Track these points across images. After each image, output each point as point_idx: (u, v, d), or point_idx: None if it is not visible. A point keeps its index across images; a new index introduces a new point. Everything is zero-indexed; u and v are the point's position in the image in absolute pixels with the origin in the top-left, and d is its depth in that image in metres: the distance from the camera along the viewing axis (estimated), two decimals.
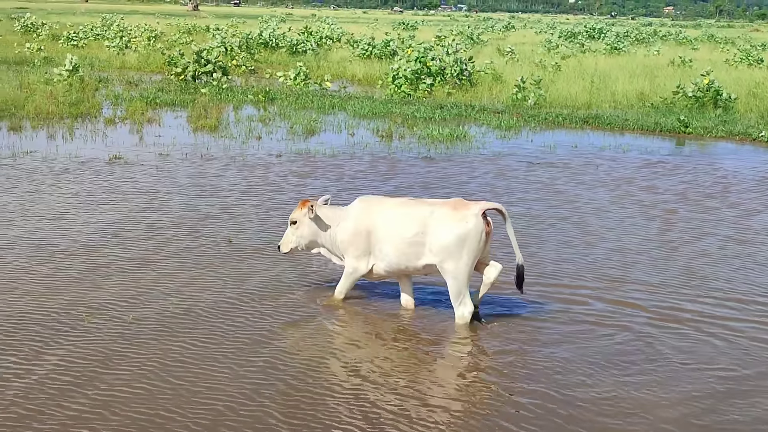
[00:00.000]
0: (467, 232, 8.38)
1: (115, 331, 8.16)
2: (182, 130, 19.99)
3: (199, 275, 9.91)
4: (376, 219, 8.81)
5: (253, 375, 7.35)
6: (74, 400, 6.81)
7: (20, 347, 7.74)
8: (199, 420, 6.59)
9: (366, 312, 8.98)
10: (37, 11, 76.92)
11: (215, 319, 8.55)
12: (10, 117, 20.30)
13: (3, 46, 40.13)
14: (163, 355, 7.65)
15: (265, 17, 72.60)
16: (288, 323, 8.58)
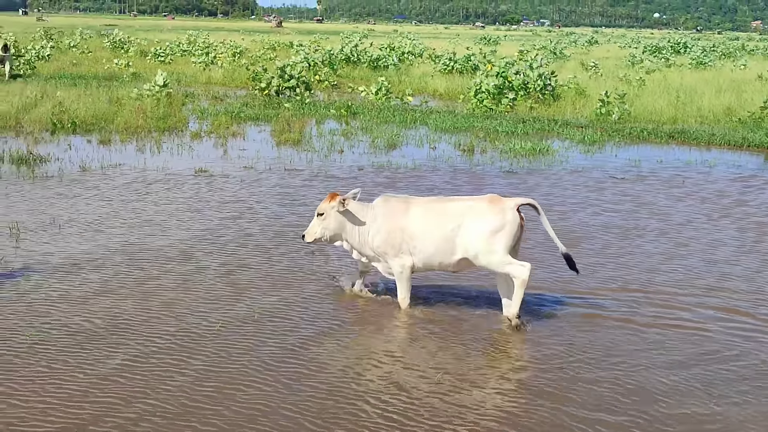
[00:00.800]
0: (504, 224, 8.71)
1: (210, 333, 8.28)
2: (266, 143, 20.23)
3: (290, 278, 10.05)
4: (410, 216, 9.06)
5: (353, 372, 7.38)
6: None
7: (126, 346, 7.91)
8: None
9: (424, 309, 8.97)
10: (125, 28, 78.76)
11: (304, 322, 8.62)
12: (100, 131, 20.79)
13: (93, 62, 41.16)
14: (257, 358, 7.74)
15: (347, 33, 73.21)
16: (376, 326, 8.61)
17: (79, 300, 9.39)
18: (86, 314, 8.95)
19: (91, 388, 7.22)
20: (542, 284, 10.15)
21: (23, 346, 8.05)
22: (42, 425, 6.61)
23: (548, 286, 10.18)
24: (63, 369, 7.57)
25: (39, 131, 20.41)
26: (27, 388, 7.18)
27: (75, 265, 10.63)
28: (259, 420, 6.76)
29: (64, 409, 6.85)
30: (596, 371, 7.83)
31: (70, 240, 11.69)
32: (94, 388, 7.22)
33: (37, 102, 23.72)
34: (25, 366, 7.62)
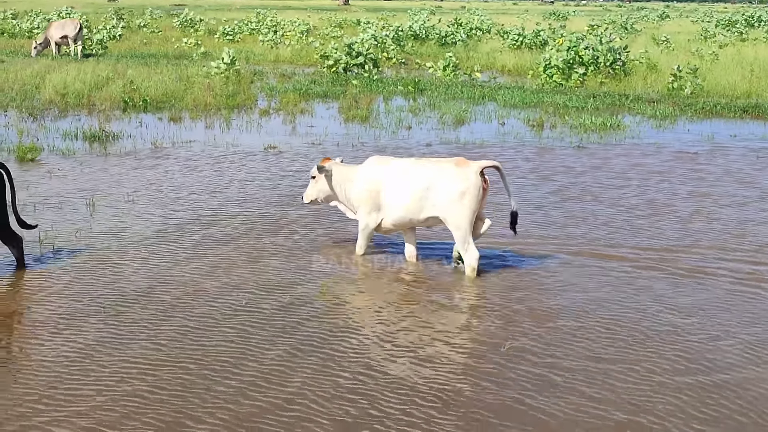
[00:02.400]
0: (468, 188, 9.31)
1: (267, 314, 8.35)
2: (334, 120, 20.26)
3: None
4: (385, 177, 9.80)
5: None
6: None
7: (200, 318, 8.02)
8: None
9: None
10: (195, 7, 79.31)
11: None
12: (171, 108, 21.01)
13: (163, 41, 41.57)
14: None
15: (414, 10, 72.79)
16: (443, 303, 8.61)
17: (152, 272, 9.54)
18: (160, 285, 9.08)
19: (166, 359, 7.32)
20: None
21: (100, 318, 8.18)
22: (115, 389, 6.72)
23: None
24: (136, 341, 7.68)
25: (111, 109, 20.71)
26: (102, 356, 7.32)
27: (147, 237, 10.80)
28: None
29: (132, 382, 6.95)
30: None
31: (142, 213, 11.86)
32: (168, 359, 7.32)
33: (109, 80, 24.05)
34: (101, 338, 7.75)
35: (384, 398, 6.69)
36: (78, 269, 9.57)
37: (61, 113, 20.24)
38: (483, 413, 6.50)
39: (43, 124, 18.62)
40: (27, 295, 8.78)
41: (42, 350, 7.46)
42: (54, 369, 7.10)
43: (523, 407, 6.59)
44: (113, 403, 6.55)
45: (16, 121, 18.80)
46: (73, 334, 7.79)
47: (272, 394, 6.73)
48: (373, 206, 9.93)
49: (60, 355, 7.37)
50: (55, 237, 10.63)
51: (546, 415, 6.48)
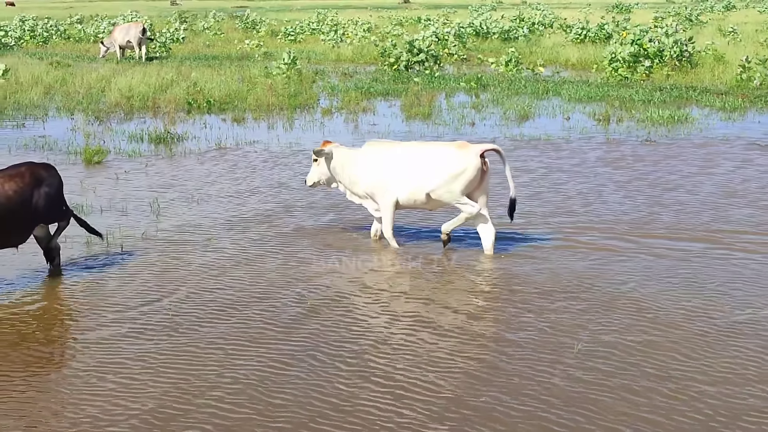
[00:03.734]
0: (466, 167, 9.80)
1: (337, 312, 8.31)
2: (396, 118, 20.17)
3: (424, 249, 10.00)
4: (389, 159, 10.20)
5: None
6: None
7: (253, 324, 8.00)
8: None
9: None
10: (256, 9, 79.99)
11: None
12: (234, 109, 21.12)
13: (225, 42, 41.89)
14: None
15: (475, 6, 72.38)
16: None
17: (214, 272, 9.54)
18: (222, 285, 9.08)
19: (226, 359, 7.29)
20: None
21: (166, 317, 8.20)
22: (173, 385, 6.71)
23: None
24: (197, 340, 7.68)
25: (175, 111, 20.86)
26: (164, 357, 7.32)
27: (213, 238, 10.82)
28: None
29: (199, 380, 6.94)
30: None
31: (207, 214, 11.90)
32: (232, 358, 7.29)
33: (173, 83, 24.24)
34: (162, 339, 7.75)
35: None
36: (144, 271, 9.61)
37: (126, 116, 20.46)
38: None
39: (109, 127, 18.84)
40: (93, 297, 8.82)
41: (109, 350, 7.49)
42: (120, 370, 7.12)
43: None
44: (177, 406, 6.54)
45: (83, 124, 19.04)
46: (138, 336, 7.81)
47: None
48: (383, 187, 10.24)
49: (128, 357, 7.39)
50: (122, 239, 10.70)
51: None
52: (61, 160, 15.21)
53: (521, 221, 11.15)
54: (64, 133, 17.92)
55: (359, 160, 10.45)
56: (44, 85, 24.52)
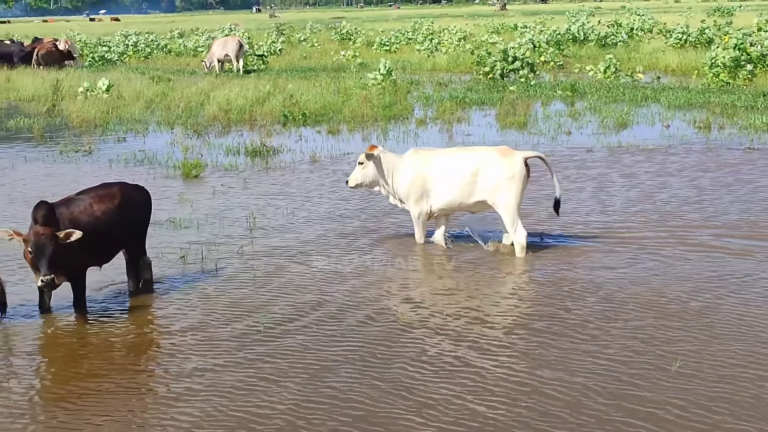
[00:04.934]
0: (513, 174, 10.19)
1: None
2: (491, 128, 20.01)
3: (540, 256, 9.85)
4: (431, 165, 10.61)
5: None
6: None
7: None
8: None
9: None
10: (352, 20, 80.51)
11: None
12: (329, 121, 21.22)
13: (321, 54, 42.27)
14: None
15: (573, 11, 71.57)
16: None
17: (310, 286, 9.56)
18: (316, 299, 9.08)
19: (320, 373, 7.27)
20: None
21: (257, 332, 8.23)
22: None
23: None
24: (295, 354, 7.68)
25: (271, 123, 21.07)
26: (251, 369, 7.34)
27: (308, 252, 10.87)
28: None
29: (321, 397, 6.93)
30: None
31: (303, 228, 11.95)
32: (326, 372, 7.28)
33: (270, 95, 24.50)
34: (259, 354, 7.78)
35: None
36: (236, 285, 9.68)
37: (224, 129, 20.75)
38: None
39: (207, 141, 19.12)
40: (187, 312, 8.91)
41: (203, 365, 7.55)
42: (213, 388, 7.17)
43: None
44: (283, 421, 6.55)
45: (182, 138, 19.35)
46: (232, 350, 7.85)
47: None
48: (421, 194, 10.66)
49: (227, 372, 7.44)
50: (217, 254, 10.80)
51: None
52: (160, 174, 15.50)
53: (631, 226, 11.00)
54: (163, 147, 18.24)
55: (402, 165, 10.90)
56: (145, 99, 25.07)
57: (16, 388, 7.30)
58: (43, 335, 8.49)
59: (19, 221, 12.21)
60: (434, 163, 10.69)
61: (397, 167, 10.94)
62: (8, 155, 18.00)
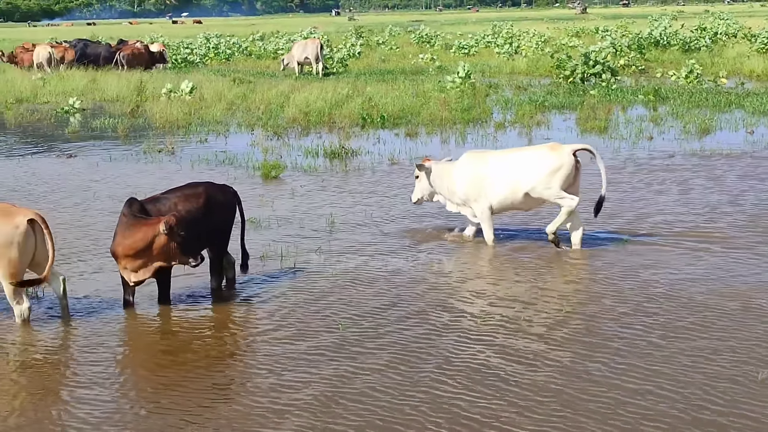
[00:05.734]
0: (561, 164, 10.58)
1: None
2: (571, 132, 19.84)
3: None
4: (488, 165, 10.97)
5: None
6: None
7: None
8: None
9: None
10: (431, 23, 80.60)
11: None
12: (407, 124, 21.26)
13: (400, 57, 42.37)
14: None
15: (655, 15, 70.59)
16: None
17: (388, 286, 9.61)
18: (396, 300, 9.12)
19: (423, 382, 7.29)
20: None
21: (335, 335, 8.29)
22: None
23: None
24: (371, 357, 7.72)
25: (350, 126, 21.17)
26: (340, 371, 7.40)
27: (385, 252, 10.92)
28: None
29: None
30: None
31: (381, 231, 12.00)
32: (408, 374, 7.29)
33: (348, 98, 24.64)
34: (337, 354, 7.84)
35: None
36: (314, 285, 9.77)
37: (303, 131, 20.93)
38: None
39: (286, 142, 19.30)
40: (267, 311, 9.02)
41: (292, 365, 7.64)
42: (293, 386, 7.25)
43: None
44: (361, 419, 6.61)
45: (262, 139, 19.57)
46: (310, 349, 7.92)
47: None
48: (479, 193, 10.96)
49: (307, 370, 7.52)
50: (296, 254, 10.90)
51: None
52: (240, 175, 15.69)
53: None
54: (243, 148, 18.47)
55: (455, 170, 11.21)
56: (226, 101, 25.41)
57: (104, 381, 7.48)
58: (126, 331, 8.68)
59: (105, 217, 12.53)
60: (490, 163, 11.02)
61: (453, 171, 11.24)
62: (93, 154, 18.41)
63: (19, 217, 8.32)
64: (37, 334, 8.55)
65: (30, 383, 7.50)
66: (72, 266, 10.50)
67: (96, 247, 11.30)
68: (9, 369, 7.78)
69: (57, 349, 8.25)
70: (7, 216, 8.30)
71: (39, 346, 8.30)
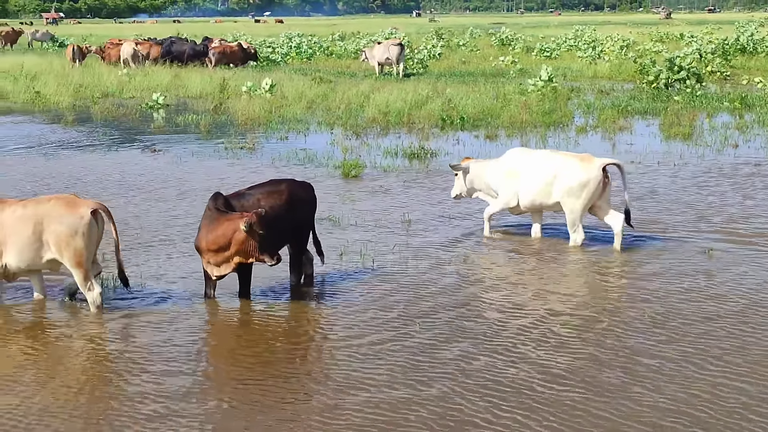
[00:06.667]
0: (589, 179, 10.77)
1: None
2: (654, 137, 19.55)
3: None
4: (523, 165, 11.31)
5: None
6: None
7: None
8: None
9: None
10: (512, 25, 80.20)
11: None
12: (487, 126, 21.15)
13: (481, 59, 42.20)
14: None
15: (741, 22, 69.22)
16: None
17: (467, 286, 9.59)
18: (473, 300, 9.08)
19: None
20: None
21: (412, 333, 8.29)
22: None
23: None
24: (446, 355, 7.70)
25: (429, 127, 21.14)
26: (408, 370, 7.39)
27: (463, 252, 10.95)
28: None
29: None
30: None
31: (457, 232, 11.98)
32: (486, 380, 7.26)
33: (428, 99, 24.60)
34: (412, 350, 7.84)
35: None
36: (392, 283, 9.78)
37: (382, 131, 20.95)
38: None
39: (365, 142, 19.35)
40: (345, 308, 9.05)
41: (359, 360, 7.66)
42: (372, 379, 7.27)
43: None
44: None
45: (341, 138, 19.65)
46: (386, 347, 7.94)
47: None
48: (511, 188, 11.33)
49: (379, 365, 7.53)
50: (374, 252, 10.92)
51: None
52: (320, 173, 15.78)
53: None
54: (323, 147, 18.57)
55: (499, 161, 11.67)
56: (307, 100, 25.58)
57: (182, 371, 7.59)
58: (206, 323, 8.80)
59: (188, 211, 12.71)
60: (527, 162, 11.36)
61: (493, 166, 11.69)
62: (177, 150, 18.69)
63: (84, 208, 8.66)
64: (112, 324, 8.72)
65: (102, 374, 7.65)
66: (150, 256, 10.69)
67: (170, 240, 11.48)
68: (82, 361, 7.94)
69: (131, 340, 8.37)
70: (73, 207, 8.64)
71: (113, 337, 8.47)
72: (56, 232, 8.57)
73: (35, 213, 8.62)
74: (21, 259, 8.72)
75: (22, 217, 8.62)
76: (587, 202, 10.91)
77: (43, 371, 7.65)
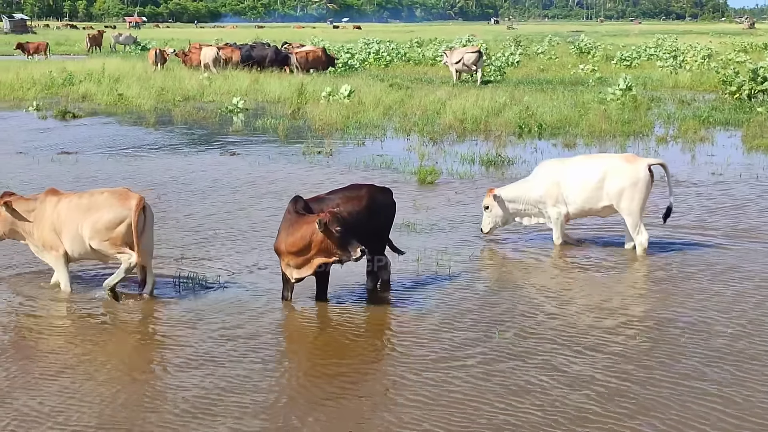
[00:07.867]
0: (638, 179, 10.82)
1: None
2: (736, 149, 19.20)
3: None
4: (565, 172, 11.23)
5: None
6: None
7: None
8: None
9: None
10: (592, 33, 79.41)
11: None
12: (565, 134, 20.98)
13: (559, 67, 41.86)
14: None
15: None
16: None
17: (541, 296, 9.54)
18: (553, 311, 9.02)
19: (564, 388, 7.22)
20: None
21: (493, 343, 8.26)
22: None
23: None
24: (528, 367, 7.66)
25: (506, 134, 21.04)
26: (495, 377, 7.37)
27: (538, 263, 10.92)
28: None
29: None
30: None
31: (535, 238, 11.92)
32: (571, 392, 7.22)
33: (505, 107, 24.49)
34: (492, 360, 7.82)
35: None
36: (469, 292, 9.77)
37: (459, 138, 20.92)
38: None
39: (442, 148, 19.34)
40: (421, 315, 9.06)
41: (444, 369, 7.66)
42: (446, 390, 7.26)
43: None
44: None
45: (418, 144, 19.65)
46: (463, 355, 7.92)
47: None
48: (556, 198, 11.20)
49: (453, 375, 7.52)
50: (450, 260, 10.91)
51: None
52: (396, 179, 15.81)
53: None
54: (400, 153, 18.60)
55: (536, 175, 11.57)
56: (384, 105, 25.63)
57: (258, 369, 7.68)
58: (281, 326, 8.89)
59: (267, 214, 12.86)
60: (567, 171, 11.28)
61: (528, 183, 11.58)
62: (255, 154, 18.90)
63: (133, 200, 9.20)
64: (177, 317, 8.85)
65: (179, 372, 7.77)
66: (227, 255, 10.84)
67: (249, 244, 11.62)
68: (161, 360, 8.09)
69: (208, 340, 8.48)
70: (124, 199, 9.22)
71: (183, 334, 8.59)
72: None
73: (89, 204, 9.25)
74: (73, 248, 9.37)
75: (77, 207, 9.27)
76: (642, 203, 10.93)
77: (115, 359, 7.82)
